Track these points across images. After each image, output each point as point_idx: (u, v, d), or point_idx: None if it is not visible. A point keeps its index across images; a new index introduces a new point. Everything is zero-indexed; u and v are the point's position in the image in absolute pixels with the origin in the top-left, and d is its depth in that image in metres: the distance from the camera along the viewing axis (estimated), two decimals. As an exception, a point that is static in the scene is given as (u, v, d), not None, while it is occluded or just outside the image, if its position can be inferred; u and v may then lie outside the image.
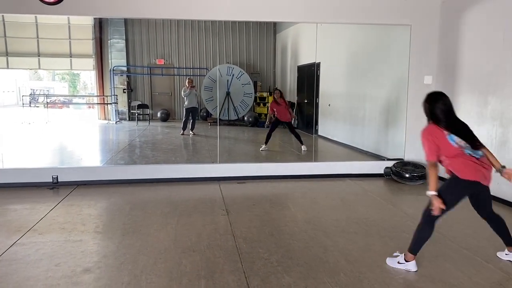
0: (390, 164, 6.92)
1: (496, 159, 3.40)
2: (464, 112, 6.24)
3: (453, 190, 3.38)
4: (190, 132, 10.99)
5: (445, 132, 3.31)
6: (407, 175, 6.57)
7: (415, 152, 7.04)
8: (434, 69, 6.88)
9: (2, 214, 4.90)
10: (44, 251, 3.80)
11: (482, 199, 3.58)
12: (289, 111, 9.13)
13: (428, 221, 3.45)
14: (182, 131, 11.08)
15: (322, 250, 3.89)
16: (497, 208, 3.80)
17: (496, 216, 3.66)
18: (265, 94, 13.79)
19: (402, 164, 6.80)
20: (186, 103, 10.97)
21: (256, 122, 12.88)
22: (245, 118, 12.77)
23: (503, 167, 3.38)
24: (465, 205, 5.58)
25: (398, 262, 3.52)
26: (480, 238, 4.29)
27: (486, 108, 5.76)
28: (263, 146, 8.89)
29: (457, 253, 3.87)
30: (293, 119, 9.58)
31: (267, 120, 9.70)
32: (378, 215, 5.00)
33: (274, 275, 3.36)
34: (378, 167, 7.02)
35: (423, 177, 6.57)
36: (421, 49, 6.85)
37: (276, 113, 8.95)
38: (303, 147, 8.78)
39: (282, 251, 3.84)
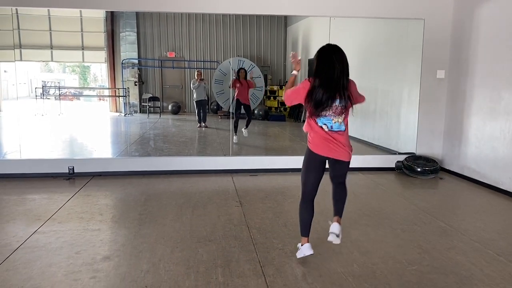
0: (401, 158, 6.94)
1: None
2: (476, 107, 6.26)
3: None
4: (202, 124, 11.08)
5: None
6: (418, 169, 6.60)
7: (427, 146, 7.08)
8: (447, 63, 6.88)
9: (21, 203, 5.03)
10: (64, 239, 3.91)
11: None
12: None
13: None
14: (198, 124, 11.16)
15: (335, 241, 3.96)
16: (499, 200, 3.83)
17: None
18: (275, 88, 13.83)
19: (413, 158, 6.83)
20: (195, 95, 11.08)
21: (267, 115, 12.93)
22: (255, 111, 12.82)
23: None
24: (472, 199, 5.64)
25: (298, 249, 3.53)
26: (491, 231, 4.33)
27: (499, 103, 5.76)
28: (235, 137, 8.75)
29: (469, 246, 3.91)
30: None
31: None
32: (389, 208, 5.05)
33: (289, 265, 3.44)
34: (389, 161, 7.05)
35: (435, 171, 6.60)
36: (434, 43, 6.84)
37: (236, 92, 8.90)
38: (245, 131, 8.87)
39: (295, 242, 3.89)
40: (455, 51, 6.75)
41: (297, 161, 6.86)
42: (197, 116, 11.24)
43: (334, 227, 3.40)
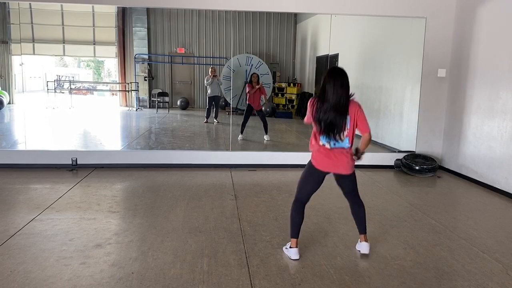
0: (401, 156, 6.97)
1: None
2: (475, 105, 6.26)
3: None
4: (214, 120, 11.21)
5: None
6: (417, 168, 6.62)
7: (427, 145, 7.09)
8: (448, 62, 6.88)
9: (23, 192, 5.20)
10: (60, 227, 4.05)
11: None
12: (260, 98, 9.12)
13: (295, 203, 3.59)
14: (206, 119, 11.30)
15: (322, 234, 4.04)
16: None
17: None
18: (283, 85, 13.89)
19: (412, 157, 6.85)
20: (209, 91, 11.18)
21: (274, 112, 13.00)
22: (263, 108, 12.88)
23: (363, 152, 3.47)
24: (467, 198, 5.66)
25: (285, 248, 3.60)
26: (481, 229, 4.36)
27: (497, 102, 5.76)
28: (240, 136, 8.90)
29: (455, 243, 3.96)
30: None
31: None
32: (382, 205, 5.10)
33: (274, 256, 3.53)
34: (388, 158, 7.08)
35: (433, 169, 6.61)
36: (436, 42, 6.84)
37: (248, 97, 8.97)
38: (266, 137, 8.95)
39: (284, 234, 3.99)
40: (457, 50, 6.74)
41: (296, 157, 6.99)
42: (206, 111, 11.37)
43: (364, 247, 3.60)
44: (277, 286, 3.03)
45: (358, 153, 3.44)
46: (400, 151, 7.29)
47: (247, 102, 9.05)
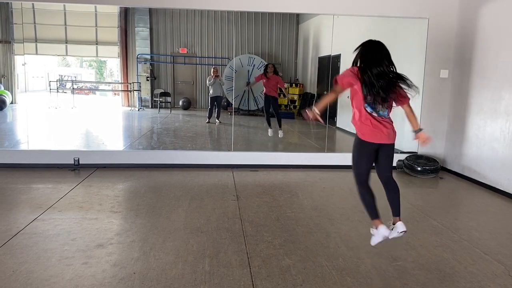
0: (403, 157, 6.96)
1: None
2: (478, 106, 6.25)
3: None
4: (216, 120, 11.20)
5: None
6: (419, 168, 6.61)
7: (429, 146, 7.02)
8: (450, 63, 6.87)
9: (26, 192, 5.21)
10: (62, 227, 4.06)
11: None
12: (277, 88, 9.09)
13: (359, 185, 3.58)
14: (207, 119, 11.30)
15: (324, 235, 4.04)
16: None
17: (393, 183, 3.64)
18: (285, 85, 13.86)
19: (415, 158, 6.84)
20: (211, 92, 11.17)
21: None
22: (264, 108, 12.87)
23: (420, 129, 3.48)
24: (469, 199, 5.66)
25: (373, 235, 3.57)
26: (483, 231, 4.35)
27: (500, 103, 5.75)
28: (270, 130, 8.93)
29: (457, 244, 3.95)
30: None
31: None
32: (384, 205, 5.06)
33: (275, 257, 3.52)
34: (391, 159, 7.05)
35: (435, 170, 6.60)
36: (438, 43, 6.83)
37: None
38: (280, 132, 8.94)
39: (285, 235, 3.99)
40: (459, 51, 6.73)
41: (298, 158, 6.99)
42: (208, 112, 11.37)
43: (400, 227, 3.47)
44: (278, 287, 3.03)
45: (418, 132, 3.49)
46: (402, 152, 7.26)
47: (263, 93, 8.99)
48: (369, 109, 3.34)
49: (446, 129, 7.02)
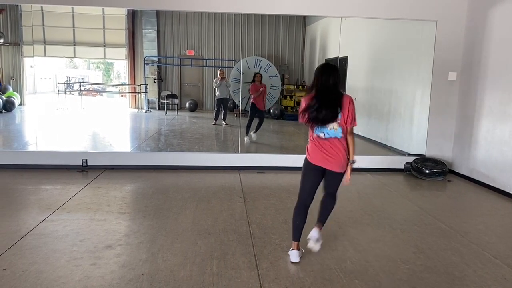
0: (410, 159, 6.92)
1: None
2: (487, 109, 6.21)
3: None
4: (223, 122, 11.22)
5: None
6: (427, 171, 6.58)
7: (437, 148, 7.05)
8: (459, 65, 6.83)
9: (35, 193, 5.25)
10: (71, 227, 4.08)
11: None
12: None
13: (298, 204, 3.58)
14: (214, 121, 11.33)
15: (332, 238, 4.03)
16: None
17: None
18: (292, 87, 13.88)
19: (422, 160, 6.81)
20: (217, 94, 11.19)
21: (282, 114, 13.00)
22: (271, 110, 12.90)
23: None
24: (477, 202, 5.62)
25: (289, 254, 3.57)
26: (492, 234, 4.32)
27: (509, 105, 5.71)
28: (246, 137, 8.78)
29: (466, 248, 3.92)
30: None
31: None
32: (392, 209, 5.08)
33: (283, 259, 3.52)
34: (398, 162, 7.04)
35: (443, 173, 6.56)
36: (446, 45, 6.80)
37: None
38: (253, 135, 8.85)
39: (293, 237, 3.98)
40: (468, 53, 6.69)
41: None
42: (214, 113, 11.40)
43: (313, 232, 3.49)
44: (287, 289, 3.03)
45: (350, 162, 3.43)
46: (410, 155, 7.24)
47: (251, 102, 9.00)
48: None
49: (454, 132, 6.98)
